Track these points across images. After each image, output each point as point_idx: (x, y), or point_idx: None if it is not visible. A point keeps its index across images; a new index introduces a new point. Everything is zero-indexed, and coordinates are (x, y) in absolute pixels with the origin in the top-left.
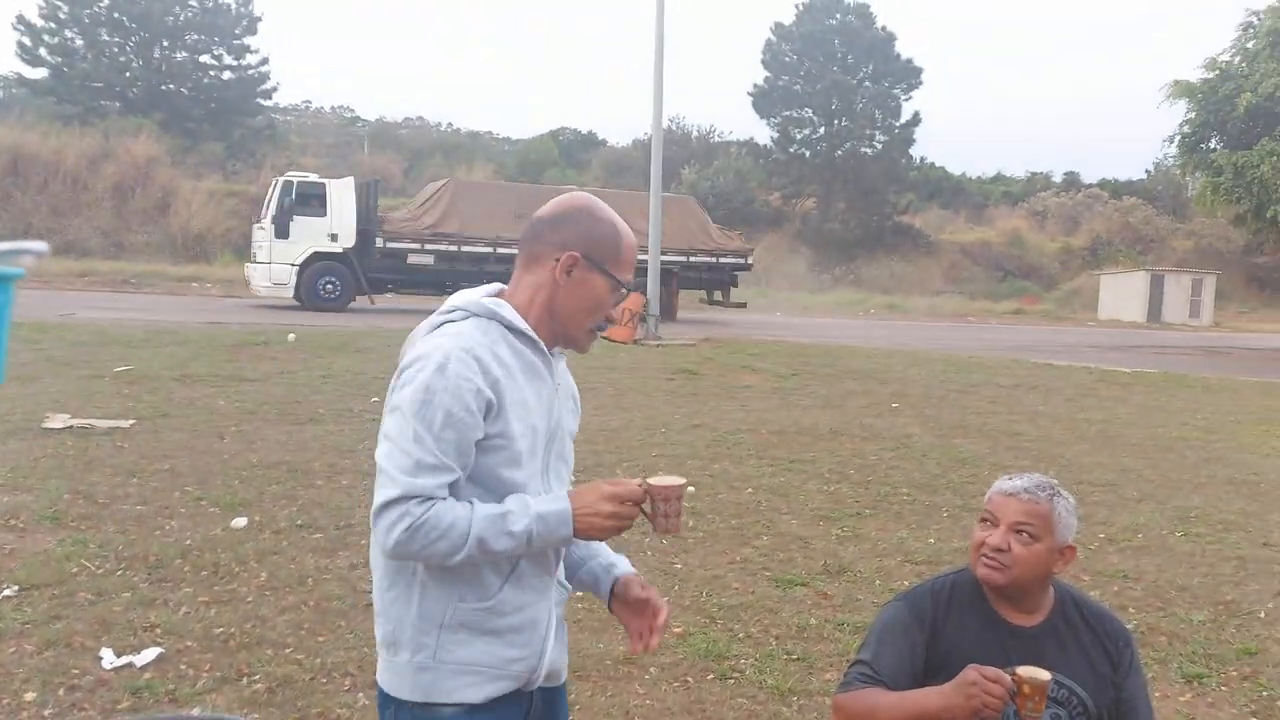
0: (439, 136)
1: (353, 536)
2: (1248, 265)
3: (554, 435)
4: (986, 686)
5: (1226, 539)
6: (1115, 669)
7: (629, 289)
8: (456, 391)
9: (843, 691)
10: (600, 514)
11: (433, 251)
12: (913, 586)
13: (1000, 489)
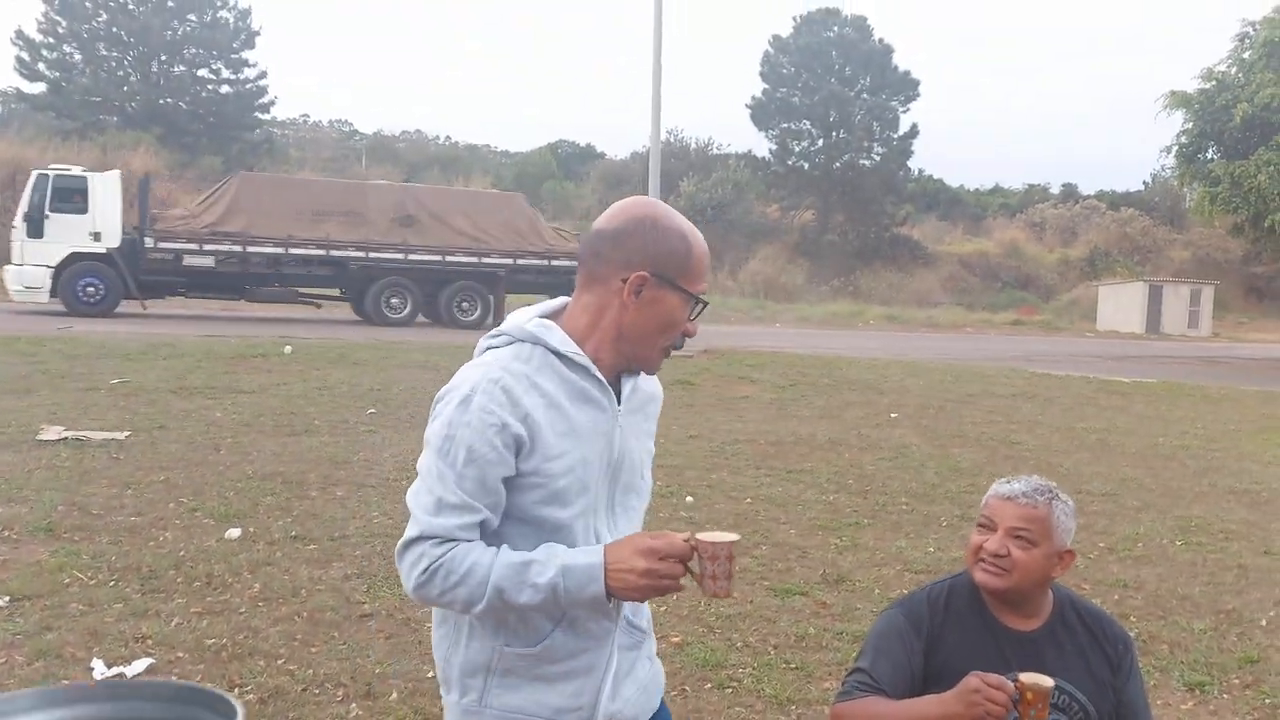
0: (437, 149)
1: (346, 548)
2: (1246, 275)
3: (618, 467)
4: (989, 694)
5: (1228, 548)
6: (1115, 673)
7: (705, 302)
8: (479, 427)
9: (841, 701)
10: (635, 571)
11: (213, 253)
12: (909, 593)
13: (998, 493)
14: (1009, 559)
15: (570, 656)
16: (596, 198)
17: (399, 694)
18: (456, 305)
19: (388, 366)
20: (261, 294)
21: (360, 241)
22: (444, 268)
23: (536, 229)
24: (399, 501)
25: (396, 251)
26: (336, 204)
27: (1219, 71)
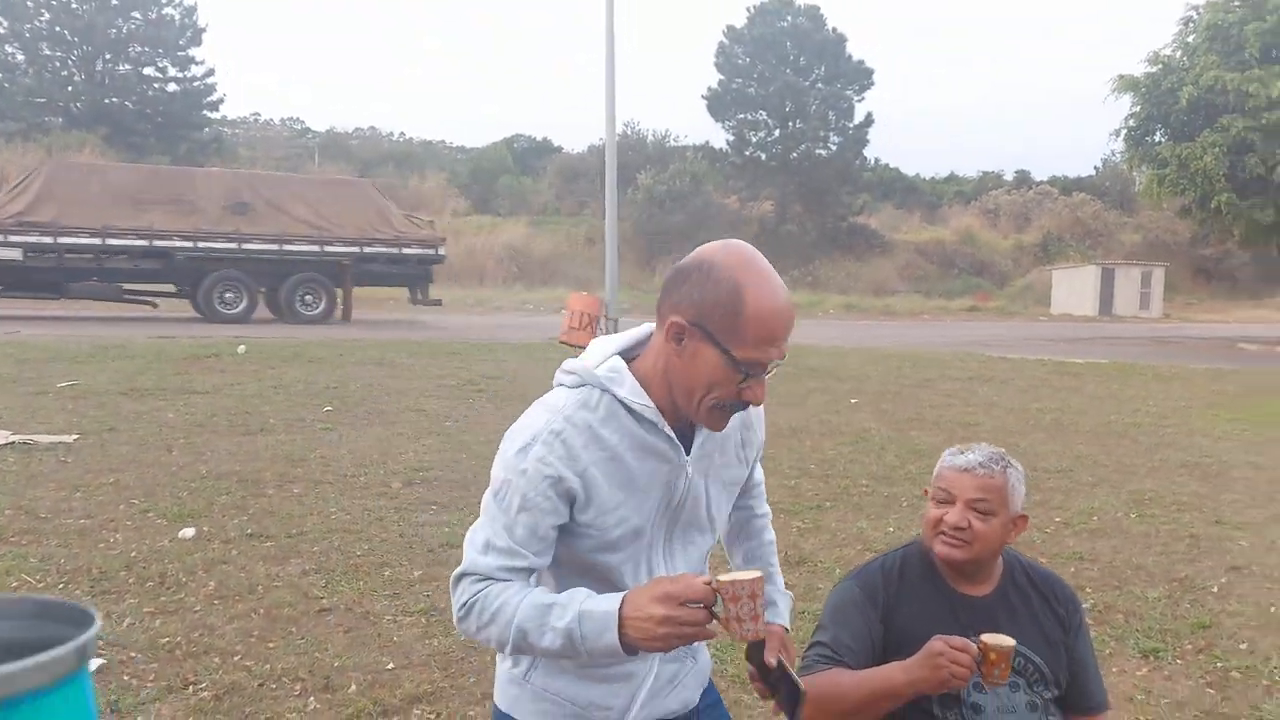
0: (391, 146)
1: (304, 544)
2: (1194, 257)
3: (679, 507)
4: (954, 656)
5: (1180, 519)
6: (1066, 633)
7: (751, 374)
8: (535, 478)
9: (803, 675)
10: (653, 619)
11: (20, 244)
12: (862, 565)
13: (953, 465)
14: (969, 530)
15: (611, 664)
16: (553, 192)
17: (358, 686)
18: (299, 299)
19: (344, 364)
20: (80, 290)
21: (188, 231)
22: (282, 258)
23: (385, 216)
24: (357, 497)
25: (229, 241)
26: (161, 191)
27: (1165, 55)
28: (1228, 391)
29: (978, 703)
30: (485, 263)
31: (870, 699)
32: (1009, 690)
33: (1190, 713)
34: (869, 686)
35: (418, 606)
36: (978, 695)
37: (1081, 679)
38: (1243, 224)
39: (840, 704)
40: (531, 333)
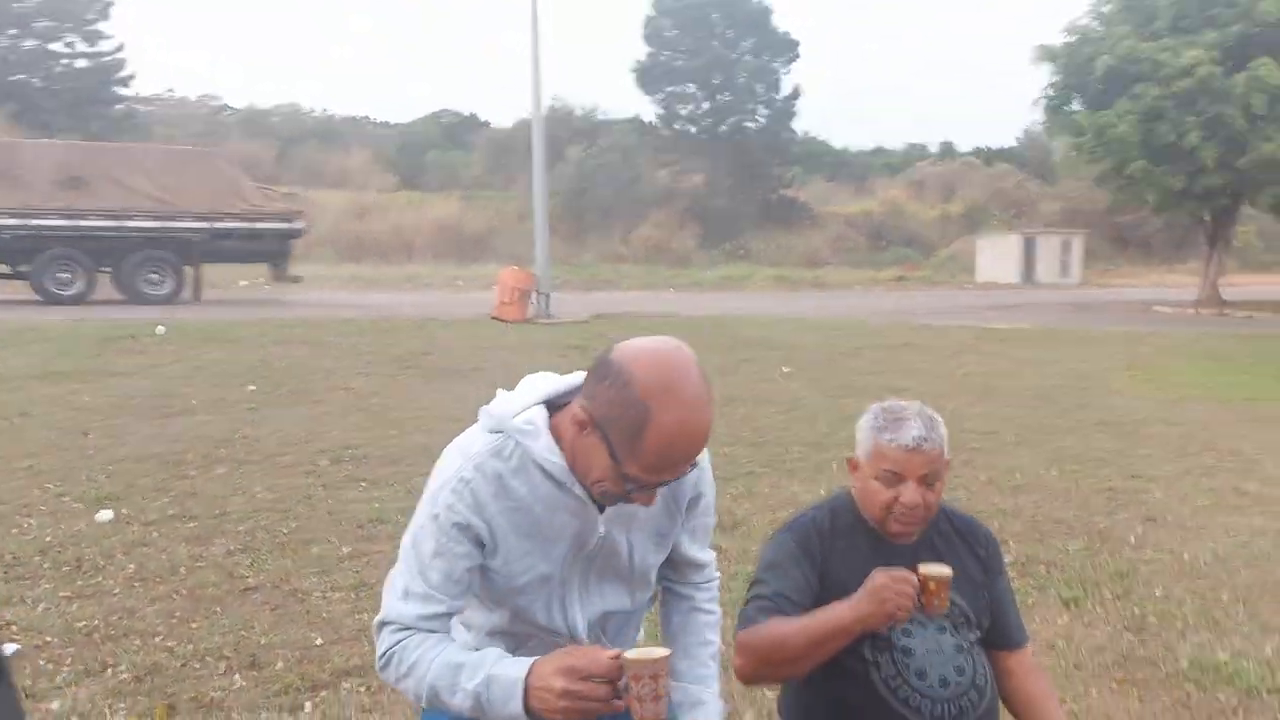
0: (313, 123)
1: (228, 524)
2: (1111, 225)
3: (593, 558)
4: (897, 588)
5: (1098, 474)
6: (987, 574)
7: (639, 489)
8: (444, 524)
9: (744, 628)
10: (553, 691)
11: None
12: (792, 518)
13: (899, 444)
14: (923, 505)
15: None
16: (483, 166)
17: (285, 663)
18: (143, 277)
19: (267, 344)
20: None
21: (14, 208)
22: (122, 235)
23: (237, 189)
24: (283, 476)
25: (61, 218)
26: (95, 167)
27: (1081, 25)
28: (1143, 353)
29: (908, 646)
30: (414, 239)
31: (818, 641)
32: (936, 632)
33: (1109, 656)
34: (815, 629)
35: (347, 582)
36: (907, 640)
37: (1002, 618)
38: (1156, 190)
39: (786, 651)
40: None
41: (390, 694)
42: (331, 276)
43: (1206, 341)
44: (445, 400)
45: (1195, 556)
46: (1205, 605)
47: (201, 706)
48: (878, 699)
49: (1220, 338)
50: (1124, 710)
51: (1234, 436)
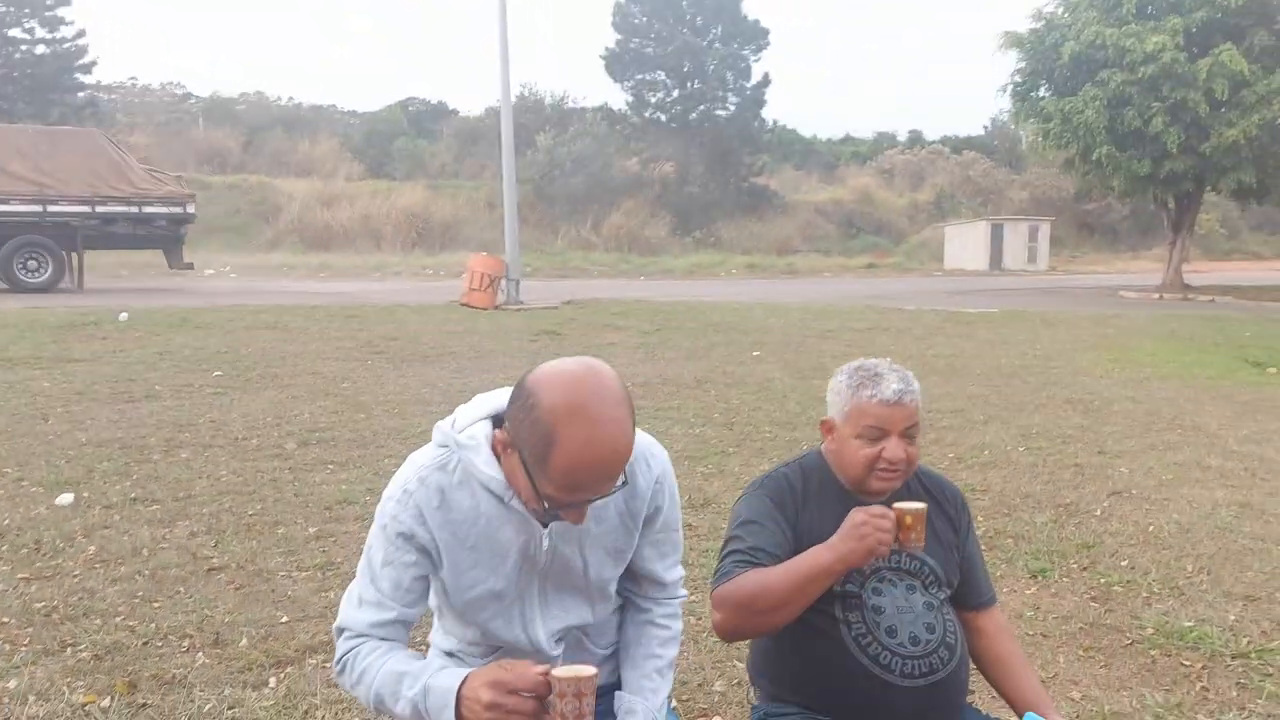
0: (279, 110)
1: (193, 507)
2: (1078, 212)
3: (545, 573)
4: (876, 523)
5: (1065, 450)
6: (957, 533)
7: (561, 508)
8: (390, 534)
9: (721, 582)
10: (480, 702)
11: None
12: (763, 476)
13: (881, 399)
14: (906, 460)
15: None
16: (451, 155)
17: (249, 640)
18: (20, 265)
19: (234, 329)
20: None
21: None
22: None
23: (122, 171)
24: (249, 459)
25: None
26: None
27: (1047, 12)
28: (1109, 335)
29: (878, 605)
30: (382, 228)
31: (800, 585)
32: (905, 591)
33: (1076, 625)
34: (797, 573)
35: (313, 562)
36: (877, 599)
37: (971, 577)
38: (1122, 175)
39: (769, 598)
40: (433, 297)
41: None
42: (299, 265)
43: (1171, 323)
44: (415, 384)
45: (1160, 528)
46: (1169, 574)
47: (163, 684)
48: (848, 657)
49: (1184, 320)
50: (1090, 676)
51: (1198, 413)
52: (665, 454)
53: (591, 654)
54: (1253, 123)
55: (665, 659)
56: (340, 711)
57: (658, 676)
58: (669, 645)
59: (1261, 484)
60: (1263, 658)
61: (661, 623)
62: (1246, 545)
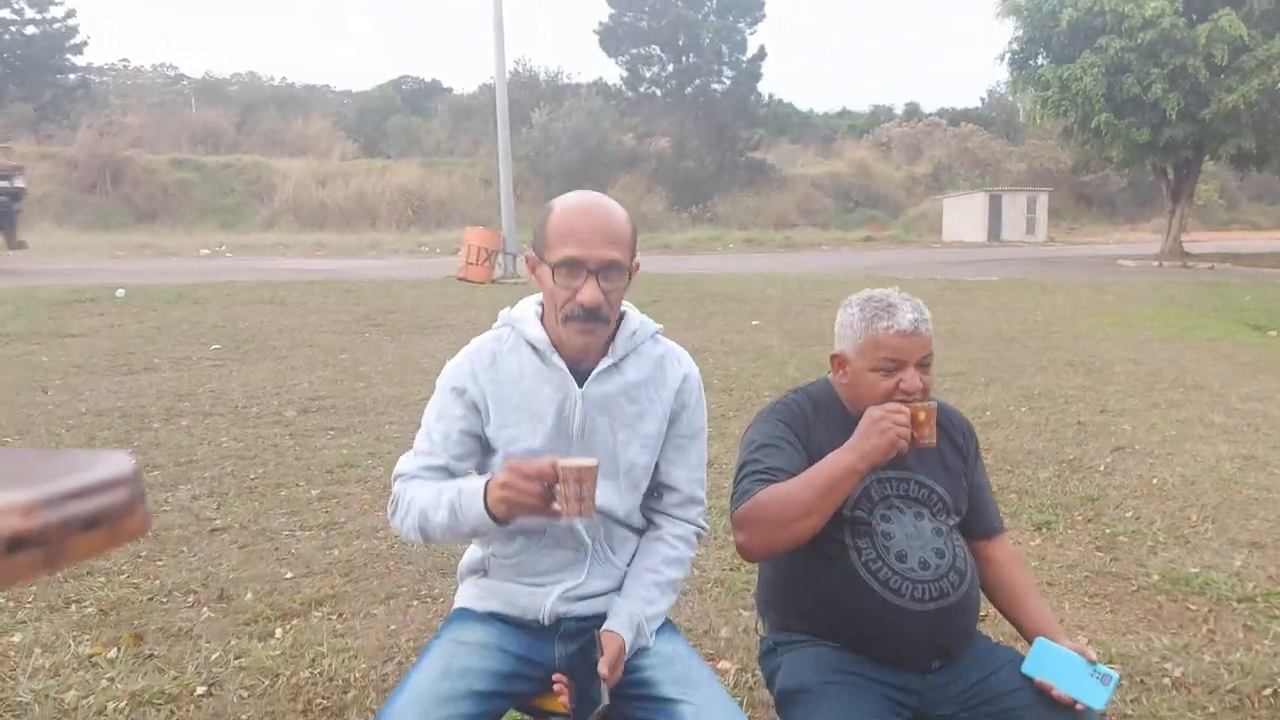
0: (272, 91)
1: (194, 471)
2: (1076, 184)
3: (579, 438)
4: (894, 418)
5: (1067, 409)
6: (964, 460)
7: (569, 274)
8: (445, 390)
9: (742, 502)
10: (497, 483)
11: None
12: (774, 402)
13: (898, 330)
14: (923, 389)
15: (541, 574)
16: (445, 132)
17: (254, 595)
18: None
19: (231, 304)
20: None
21: None
22: None
23: None
24: (250, 426)
25: None
26: None
27: None
28: (1108, 301)
29: (887, 531)
30: (377, 206)
31: (825, 490)
32: (914, 518)
33: (1081, 573)
34: (820, 478)
35: (317, 522)
36: (886, 525)
37: (979, 504)
38: (1120, 144)
39: (794, 508)
40: (429, 273)
41: (362, 619)
42: (294, 244)
43: (1170, 289)
44: (413, 355)
45: (1164, 480)
46: (1175, 524)
47: (170, 636)
48: (859, 582)
49: (1183, 286)
50: (1097, 622)
51: (1199, 373)
52: (696, 368)
53: (613, 564)
54: (1252, 88)
55: (666, 576)
56: (348, 659)
57: (655, 590)
58: (674, 566)
59: (1265, 439)
60: (1269, 601)
61: (671, 541)
62: (1252, 495)
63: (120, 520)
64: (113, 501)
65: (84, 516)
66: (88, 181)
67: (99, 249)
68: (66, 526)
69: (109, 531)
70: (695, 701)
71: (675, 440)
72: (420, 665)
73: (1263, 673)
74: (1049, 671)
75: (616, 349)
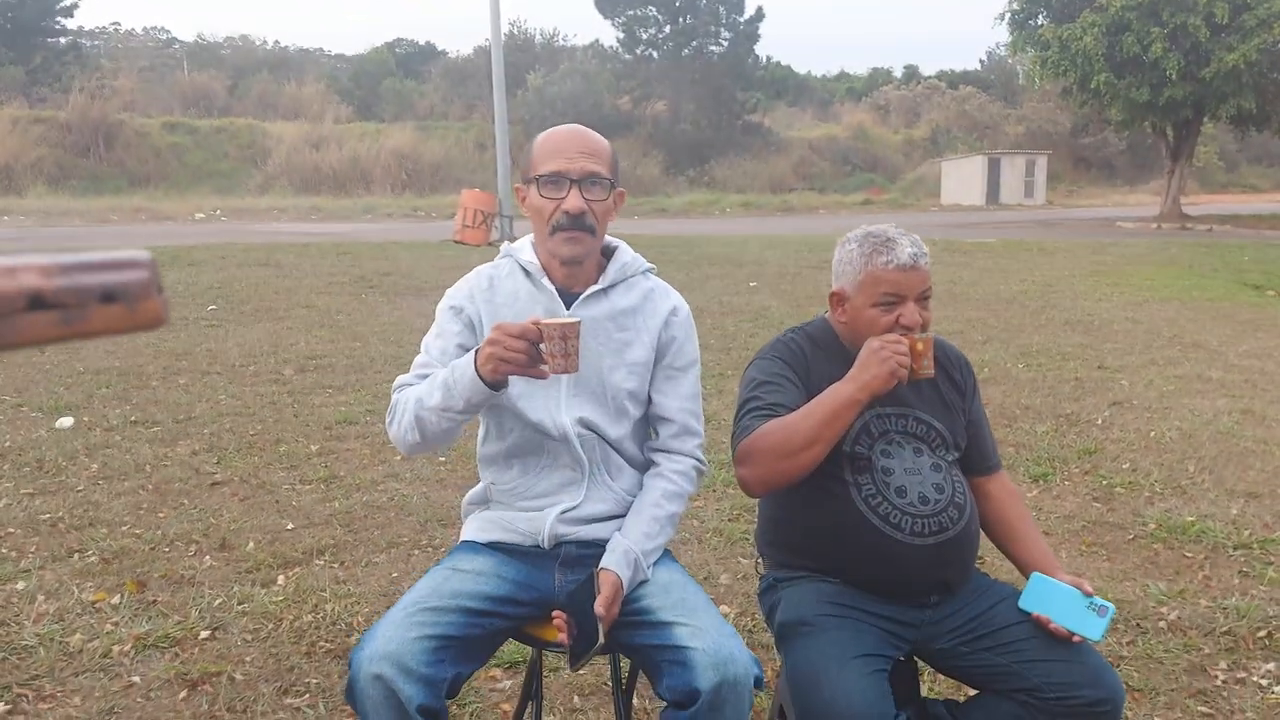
0: (265, 54)
1: (193, 427)
2: (1075, 146)
3: None
4: (894, 347)
5: (1065, 366)
6: (963, 396)
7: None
8: (444, 309)
9: (744, 437)
10: (485, 342)
11: None
12: (772, 341)
13: (897, 264)
14: (923, 324)
15: (540, 496)
16: (440, 95)
17: (256, 544)
18: None
19: (226, 266)
20: None
21: None
22: None
23: None
24: (248, 384)
25: None
26: None
27: None
28: (1107, 262)
29: (887, 466)
30: (372, 170)
31: (827, 420)
32: (914, 454)
33: (1079, 523)
34: (820, 409)
35: (316, 475)
36: (886, 460)
37: (978, 440)
38: (1120, 104)
39: (794, 441)
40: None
41: (364, 566)
42: (289, 208)
43: (1169, 250)
44: (409, 315)
45: (1161, 434)
46: (1172, 475)
47: (173, 583)
48: (859, 518)
49: (1182, 247)
50: (1094, 569)
51: (1197, 332)
52: (686, 305)
53: (610, 488)
54: (1253, 47)
55: (665, 510)
56: (351, 604)
57: (654, 524)
58: (673, 500)
59: (1263, 394)
60: (1265, 548)
61: (669, 476)
62: (1248, 447)
63: (138, 301)
64: (130, 279)
65: (101, 287)
66: (81, 145)
67: (93, 213)
68: (84, 293)
69: (126, 310)
70: (692, 623)
71: (666, 372)
72: (413, 588)
73: (1257, 616)
74: (1045, 605)
75: (607, 276)
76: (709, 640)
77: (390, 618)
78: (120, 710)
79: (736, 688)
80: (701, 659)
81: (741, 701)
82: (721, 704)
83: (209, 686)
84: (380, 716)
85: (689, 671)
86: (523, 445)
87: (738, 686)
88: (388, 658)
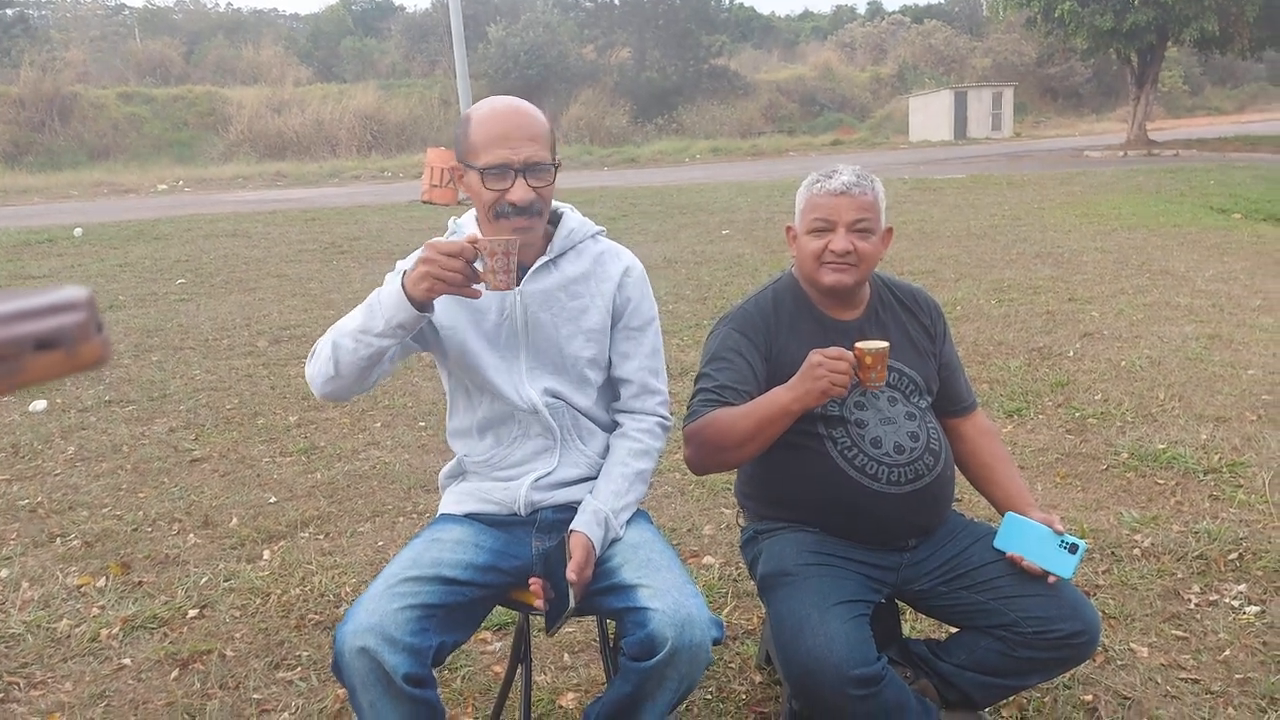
0: (218, 18)
1: (169, 405)
2: (1041, 77)
3: (523, 334)
4: (832, 365)
5: (1036, 300)
6: (933, 340)
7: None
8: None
9: (691, 421)
10: (418, 264)
11: None
12: (735, 308)
13: (827, 189)
14: (855, 253)
15: (514, 465)
16: (401, 53)
17: (239, 519)
18: None
19: (193, 238)
20: None
21: None
22: None
23: None
24: (222, 358)
25: None
26: None
27: None
28: (1075, 192)
29: (860, 419)
30: (337, 133)
31: (760, 424)
32: (888, 403)
33: (1053, 455)
34: (757, 413)
35: (296, 448)
36: (860, 413)
37: (951, 383)
38: (1084, 31)
39: (732, 436)
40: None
41: (349, 536)
42: (254, 175)
43: (1136, 178)
44: (381, 280)
45: (1131, 363)
46: (1142, 404)
47: (157, 563)
48: (835, 470)
49: (1149, 174)
50: (1069, 500)
51: (1165, 259)
52: (639, 263)
53: (583, 454)
54: None
55: (632, 469)
56: (338, 575)
57: (623, 482)
58: (640, 458)
59: (1229, 318)
60: (1234, 471)
61: (634, 435)
62: (1216, 372)
63: (76, 344)
64: (66, 323)
65: (35, 336)
66: (35, 120)
67: (53, 189)
68: (17, 344)
69: (65, 355)
70: (653, 585)
71: (625, 332)
72: (394, 560)
73: (1228, 538)
74: (1018, 544)
75: (554, 247)
76: (668, 601)
77: (372, 591)
78: (112, 693)
79: (692, 649)
80: (660, 619)
81: (697, 660)
82: (678, 662)
83: (200, 665)
84: (368, 689)
85: (647, 632)
86: (493, 418)
87: (693, 648)
88: (372, 630)
